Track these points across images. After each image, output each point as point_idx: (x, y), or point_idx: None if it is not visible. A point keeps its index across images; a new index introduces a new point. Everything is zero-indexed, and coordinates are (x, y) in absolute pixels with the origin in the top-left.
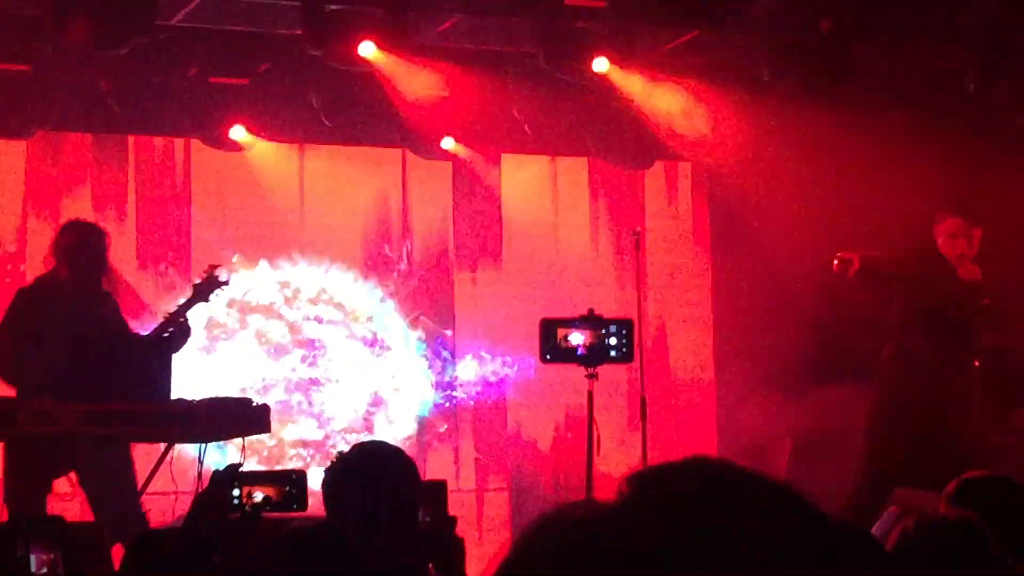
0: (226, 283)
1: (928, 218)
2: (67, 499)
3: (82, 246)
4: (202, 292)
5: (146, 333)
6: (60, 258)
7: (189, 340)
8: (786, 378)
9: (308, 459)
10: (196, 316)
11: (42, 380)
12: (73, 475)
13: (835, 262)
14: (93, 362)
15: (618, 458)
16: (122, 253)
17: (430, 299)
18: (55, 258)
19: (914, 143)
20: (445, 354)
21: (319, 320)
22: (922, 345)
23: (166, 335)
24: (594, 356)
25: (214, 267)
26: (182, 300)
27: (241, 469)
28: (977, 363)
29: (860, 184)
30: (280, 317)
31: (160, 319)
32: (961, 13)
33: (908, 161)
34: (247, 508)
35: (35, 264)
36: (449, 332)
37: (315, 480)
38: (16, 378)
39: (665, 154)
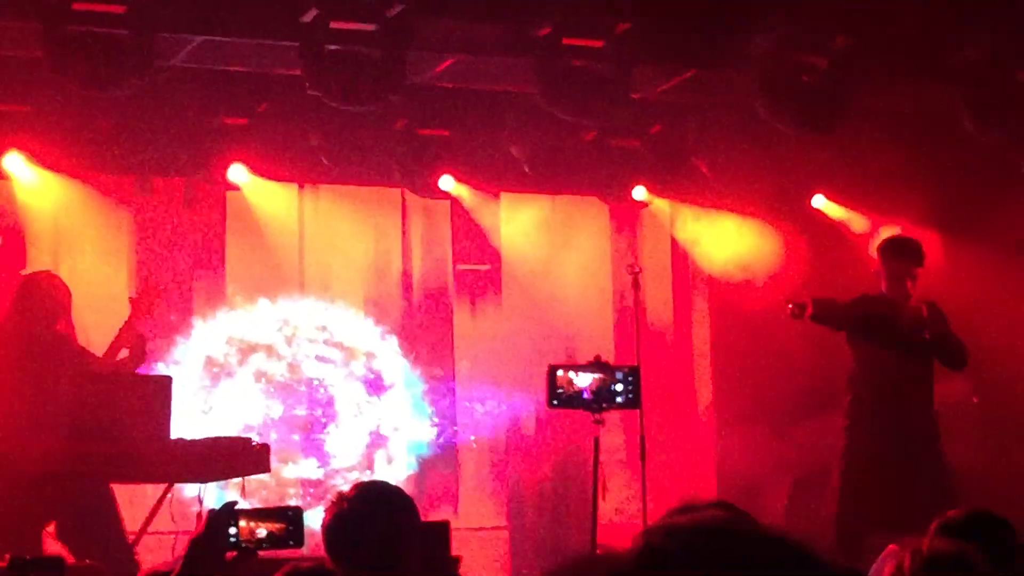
0: (163, 289)
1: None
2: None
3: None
4: (141, 304)
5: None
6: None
7: (145, 359)
8: (782, 417)
9: (308, 498)
10: (194, 356)
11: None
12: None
13: (789, 306)
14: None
15: (617, 495)
16: (119, 291)
17: (431, 337)
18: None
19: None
20: (445, 392)
21: (319, 359)
22: (880, 390)
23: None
24: (601, 402)
25: (147, 279)
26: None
27: (237, 507)
28: (977, 399)
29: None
30: (280, 356)
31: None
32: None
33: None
34: (243, 546)
35: None
36: (440, 372)
37: (315, 519)
38: None
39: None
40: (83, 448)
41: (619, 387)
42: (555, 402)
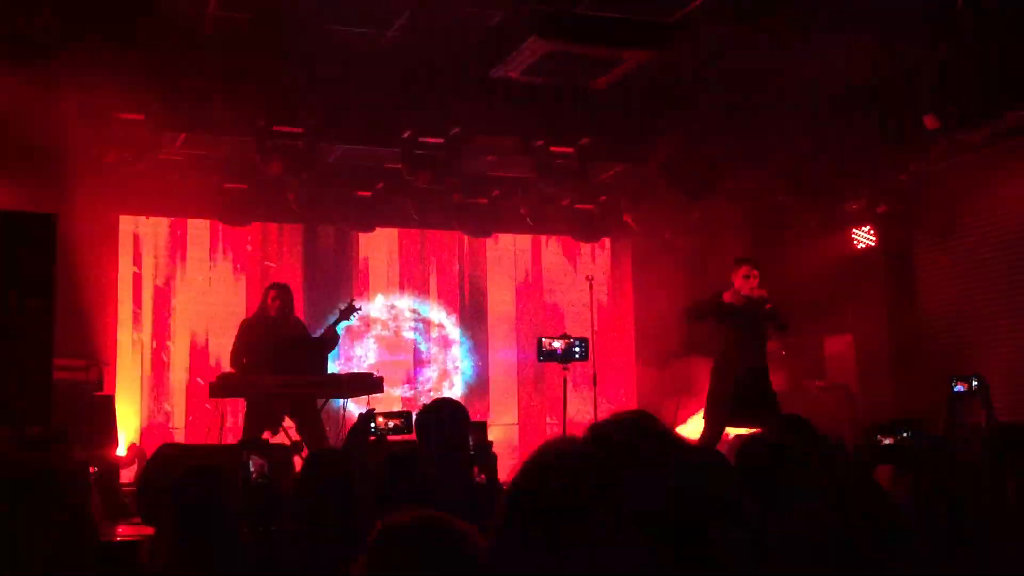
0: (359, 308)
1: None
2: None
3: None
4: (345, 313)
5: (315, 337)
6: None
7: (337, 344)
8: (674, 362)
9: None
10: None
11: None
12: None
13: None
14: (286, 355)
15: (579, 407)
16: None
17: (475, 317)
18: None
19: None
20: (482, 348)
21: (412, 328)
22: (733, 346)
23: (326, 338)
24: (566, 357)
25: (352, 299)
26: (332, 319)
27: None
28: (784, 352)
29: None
30: (387, 327)
31: (321, 331)
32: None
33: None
34: (379, 433)
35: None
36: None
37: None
38: (240, 370)
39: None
40: (282, 378)
41: (577, 348)
42: (541, 358)
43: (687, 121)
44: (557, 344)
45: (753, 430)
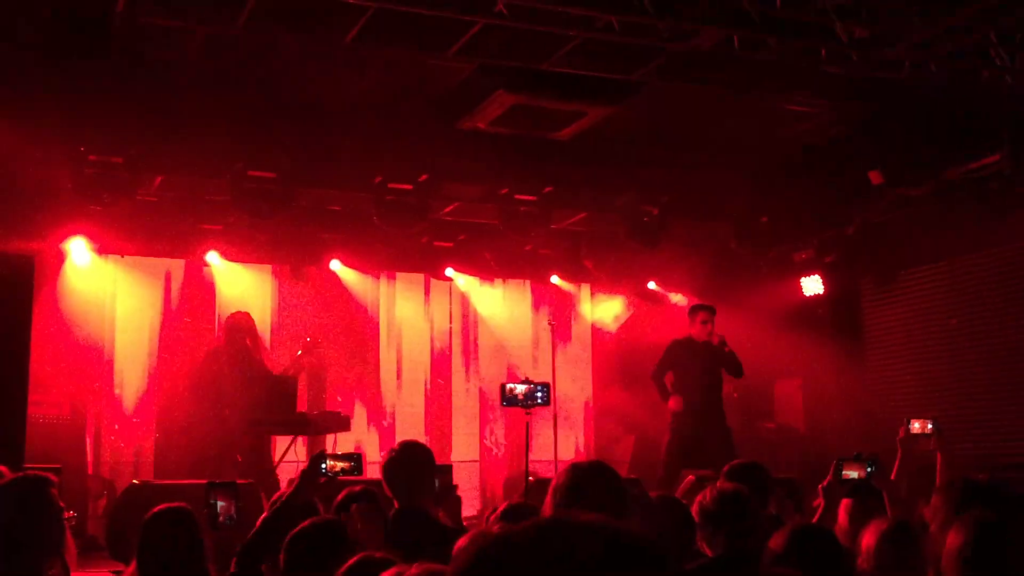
0: (318, 345)
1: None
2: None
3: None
4: (303, 354)
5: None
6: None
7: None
8: (630, 404)
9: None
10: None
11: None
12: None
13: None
14: (247, 387)
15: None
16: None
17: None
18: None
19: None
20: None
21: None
22: (690, 391)
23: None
24: (529, 402)
25: (307, 338)
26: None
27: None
28: (736, 395)
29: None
30: None
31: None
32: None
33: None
34: (329, 475)
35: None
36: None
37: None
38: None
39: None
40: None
41: (539, 393)
42: (504, 403)
43: (643, 172)
44: (520, 389)
45: (708, 472)
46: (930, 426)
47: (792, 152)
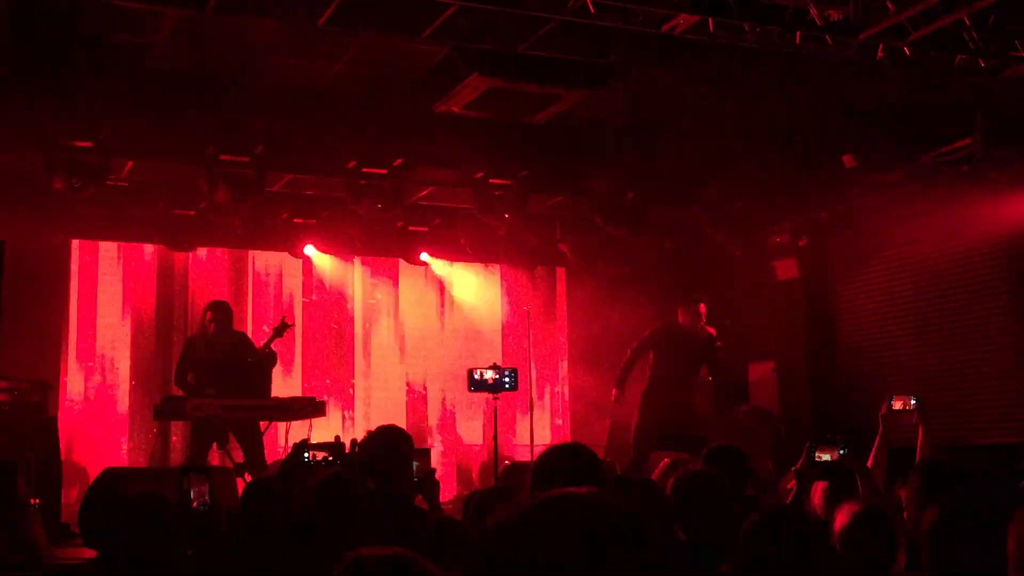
0: (291, 325)
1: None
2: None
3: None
4: (278, 332)
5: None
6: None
7: (275, 361)
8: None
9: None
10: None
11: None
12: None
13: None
14: (227, 373)
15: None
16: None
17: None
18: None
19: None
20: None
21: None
22: (665, 375)
23: (263, 357)
24: (496, 387)
25: (283, 317)
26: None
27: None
28: (711, 379)
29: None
30: None
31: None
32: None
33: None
34: (309, 463)
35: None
36: None
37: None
38: (184, 388)
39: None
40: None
41: (507, 379)
42: (472, 388)
43: (618, 157)
44: (489, 374)
45: (681, 455)
46: (912, 402)
47: (766, 136)
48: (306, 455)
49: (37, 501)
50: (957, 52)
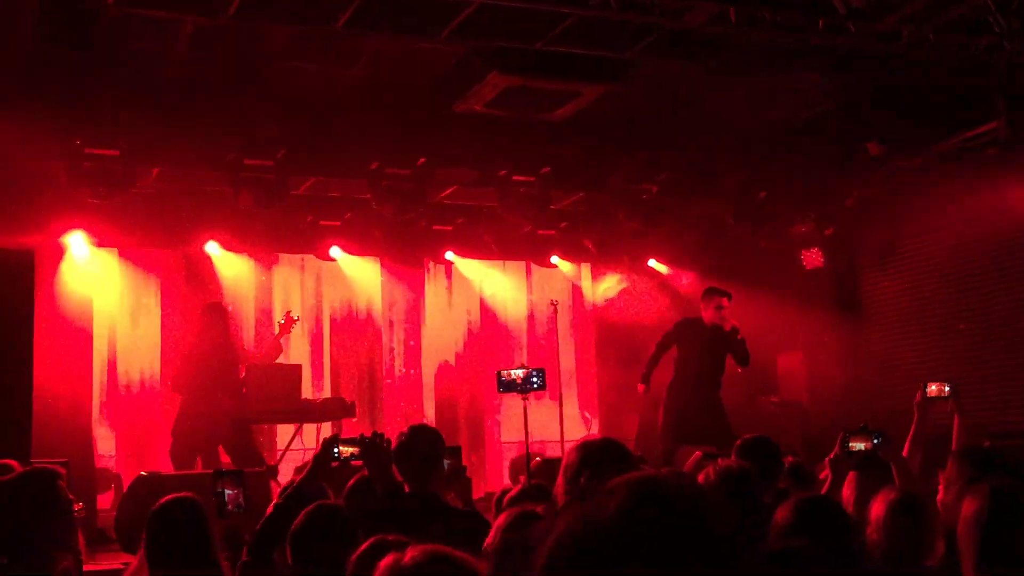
0: (296, 319)
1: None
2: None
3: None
4: (285, 327)
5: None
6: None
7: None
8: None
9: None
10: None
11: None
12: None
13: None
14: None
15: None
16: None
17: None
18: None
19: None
20: None
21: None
22: (689, 369)
23: (269, 349)
24: (525, 387)
25: (288, 311)
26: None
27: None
28: (740, 370)
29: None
30: None
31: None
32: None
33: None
34: (340, 459)
35: None
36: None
37: None
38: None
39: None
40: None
41: (535, 379)
42: (501, 389)
43: (640, 151)
44: (516, 374)
45: (709, 448)
46: (947, 389)
47: (788, 126)
48: (336, 451)
49: (81, 506)
50: (982, 35)
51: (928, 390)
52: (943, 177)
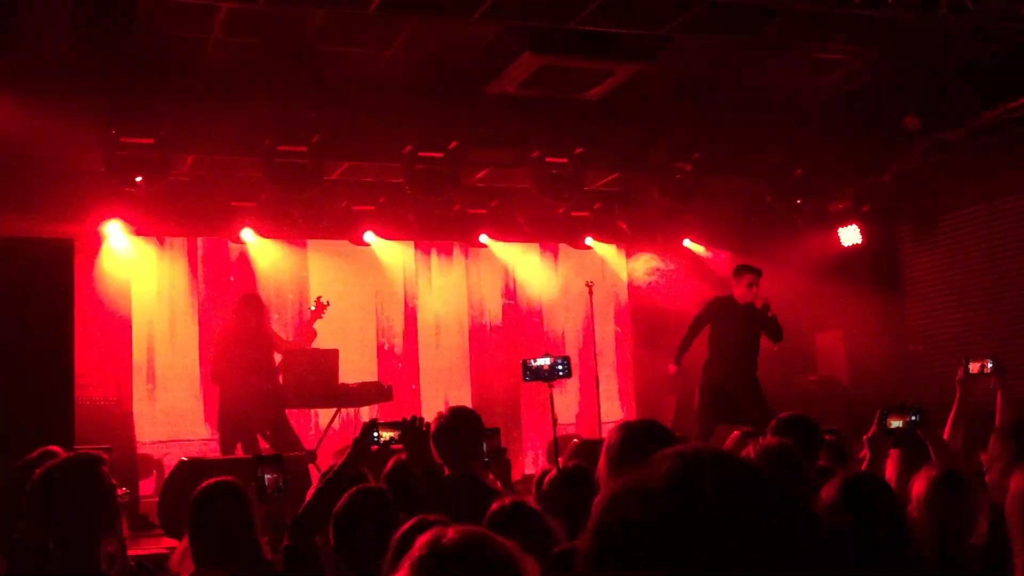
0: (327, 304)
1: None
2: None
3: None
4: (317, 312)
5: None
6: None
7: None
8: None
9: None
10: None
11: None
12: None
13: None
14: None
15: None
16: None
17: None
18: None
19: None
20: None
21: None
22: (723, 348)
23: (303, 334)
24: (551, 375)
25: (319, 297)
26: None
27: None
28: (775, 347)
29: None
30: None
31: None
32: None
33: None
34: (380, 443)
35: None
36: None
37: None
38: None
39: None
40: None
41: (560, 367)
42: (527, 378)
43: (675, 129)
44: (542, 362)
45: (746, 428)
46: (990, 365)
47: (825, 102)
48: (376, 434)
49: (125, 491)
50: (1022, 2)
51: (970, 367)
52: (983, 150)
